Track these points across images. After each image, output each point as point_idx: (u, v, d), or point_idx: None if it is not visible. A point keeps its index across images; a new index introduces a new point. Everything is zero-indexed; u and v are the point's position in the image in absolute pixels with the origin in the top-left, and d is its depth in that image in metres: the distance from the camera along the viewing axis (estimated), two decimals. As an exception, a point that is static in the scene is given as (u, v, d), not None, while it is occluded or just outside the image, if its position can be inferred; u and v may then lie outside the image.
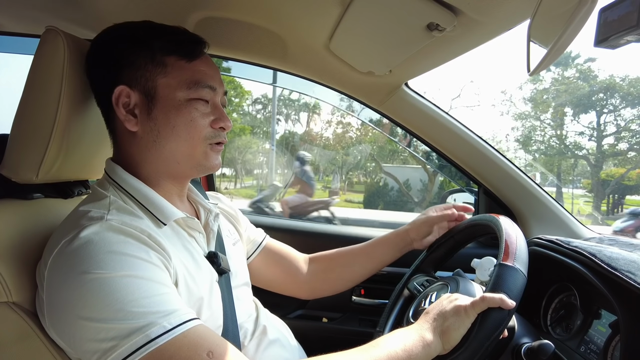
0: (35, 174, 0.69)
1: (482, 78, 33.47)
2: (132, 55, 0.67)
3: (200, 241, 0.75)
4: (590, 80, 16.09)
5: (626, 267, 0.75)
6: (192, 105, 0.69)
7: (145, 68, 0.67)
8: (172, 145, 0.69)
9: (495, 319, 0.65)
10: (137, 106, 0.68)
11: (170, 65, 0.68)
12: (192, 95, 0.69)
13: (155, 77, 0.68)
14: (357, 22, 0.81)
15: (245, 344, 0.77)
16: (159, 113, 0.68)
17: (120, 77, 0.67)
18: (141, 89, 0.68)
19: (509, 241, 0.75)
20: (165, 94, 0.68)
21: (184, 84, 0.68)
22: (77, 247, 0.56)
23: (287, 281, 1.03)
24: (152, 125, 0.68)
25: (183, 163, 0.71)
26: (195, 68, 0.70)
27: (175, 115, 0.68)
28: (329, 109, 17.64)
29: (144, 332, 0.53)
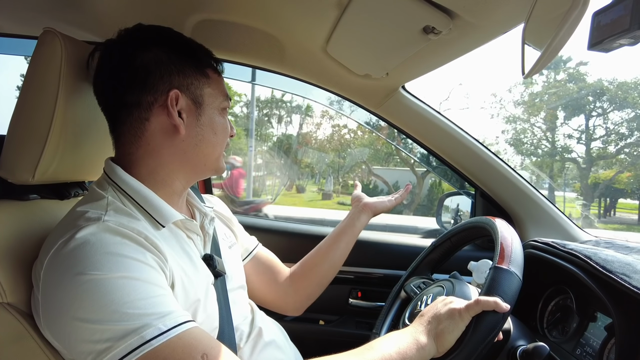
0: (32, 175, 0.69)
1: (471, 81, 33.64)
2: (181, 62, 0.70)
3: (197, 243, 0.75)
4: (579, 82, 16.20)
5: (621, 269, 0.75)
6: (224, 114, 0.77)
7: (194, 77, 0.72)
8: (210, 149, 0.74)
9: (489, 322, 0.65)
10: (184, 111, 0.71)
11: (211, 77, 0.74)
12: (225, 105, 0.76)
13: (202, 86, 0.73)
14: (354, 25, 0.82)
15: (241, 346, 0.77)
16: (206, 119, 0.73)
17: (171, 81, 0.69)
18: (190, 95, 0.71)
19: (505, 244, 0.75)
20: (210, 102, 0.73)
21: (221, 94, 0.76)
22: (73, 248, 0.56)
23: (268, 293, 1.02)
24: (199, 130, 0.72)
25: (209, 165, 0.76)
26: (222, 82, 0.78)
27: (217, 123, 0.75)
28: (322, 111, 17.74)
29: (139, 334, 0.53)
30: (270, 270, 1.03)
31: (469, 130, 1.25)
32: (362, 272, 1.37)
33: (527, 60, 0.58)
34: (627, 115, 15.48)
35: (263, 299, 1.02)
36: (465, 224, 0.97)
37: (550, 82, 16.95)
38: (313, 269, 1.04)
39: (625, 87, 15.37)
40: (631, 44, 0.49)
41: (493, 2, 0.64)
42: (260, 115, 18.94)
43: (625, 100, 15.24)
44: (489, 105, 23.99)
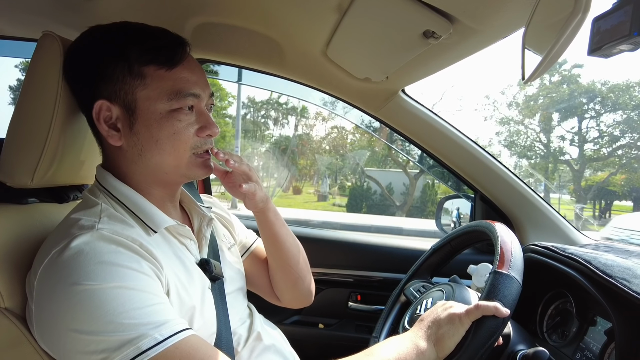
0: (30, 179, 0.69)
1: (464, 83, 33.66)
2: (109, 68, 0.64)
3: (191, 248, 0.74)
4: (573, 84, 16.30)
5: (621, 274, 0.75)
6: (174, 117, 0.66)
7: (124, 81, 0.64)
8: (157, 158, 0.67)
9: (489, 327, 0.65)
10: (119, 120, 0.66)
11: (149, 76, 0.65)
12: (174, 106, 0.66)
13: (134, 90, 0.65)
14: (354, 28, 0.82)
15: (239, 350, 0.76)
16: (141, 127, 0.66)
17: (99, 90, 0.65)
18: (121, 103, 0.65)
19: (505, 248, 0.75)
20: (146, 107, 0.65)
21: (165, 94, 0.65)
22: (67, 258, 0.55)
23: (268, 287, 0.97)
24: (136, 140, 0.66)
25: (171, 173, 0.70)
26: (175, 76, 0.66)
27: (158, 129, 0.65)
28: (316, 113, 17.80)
29: (135, 344, 0.52)
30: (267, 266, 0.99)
31: (466, 133, 1.25)
32: (362, 275, 1.37)
33: (527, 64, 0.58)
34: (620, 117, 15.59)
35: (269, 293, 0.98)
36: (465, 228, 0.97)
37: (544, 84, 17.04)
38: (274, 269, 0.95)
39: (617, 89, 15.47)
40: (631, 50, 0.49)
41: (493, 7, 0.64)
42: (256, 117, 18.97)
43: (617, 102, 15.34)
44: (482, 107, 24.06)
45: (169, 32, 0.69)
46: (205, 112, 0.71)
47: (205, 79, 0.72)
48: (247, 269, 0.97)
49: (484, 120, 22.73)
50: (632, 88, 15.37)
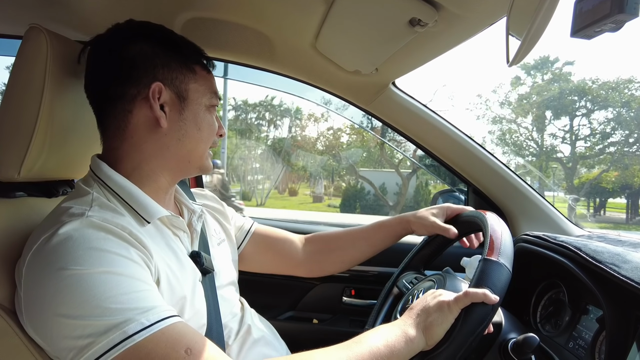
0: (17, 172, 0.69)
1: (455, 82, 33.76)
2: (167, 56, 0.70)
3: (184, 240, 0.75)
4: (563, 82, 16.39)
5: (610, 260, 0.75)
6: (211, 112, 0.76)
7: (180, 71, 0.71)
8: (193, 145, 0.73)
9: (479, 314, 0.65)
10: (167, 104, 0.70)
11: (198, 73, 0.74)
12: (212, 102, 0.76)
13: (188, 81, 0.72)
14: (341, 19, 0.82)
15: (230, 344, 0.76)
16: (190, 114, 0.72)
17: (155, 74, 0.69)
18: (174, 89, 0.71)
19: (494, 236, 0.75)
20: (195, 98, 0.73)
21: (208, 91, 0.75)
22: (55, 244, 0.56)
23: (283, 263, 1.04)
24: (182, 125, 0.71)
25: (193, 162, 0.75)
26: (212, 79, 0.77)
27: (203, 119, 0.74)
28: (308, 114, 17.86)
29: (121, 329, 0.52)
30: (276, 243, 1.03)
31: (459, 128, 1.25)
32: (356, 270, 1.36)
33: (511, 49, 0.58)
34: (611, 114, 15.68)
35: (281, 269, 1.05)
36: (456, 218, 0.97)
37: (536, 82, 17.13)
38: (336, 251, 1.04)
39: (607, 87, 15.57)
40: (612, 30, 0.49)
41: (476, -8, 0.64)
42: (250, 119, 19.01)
43: (607, 99, 15.44)
44: (474, 106, 24.13)
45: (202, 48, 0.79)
46: (217, 116, 0.80)
47: None
48: (251, 252, 1.00)
49: (477, 119, 22.78)
50: (621, 85, 15.49)
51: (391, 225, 1.02)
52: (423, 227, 0.98)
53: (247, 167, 16.37)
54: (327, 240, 1.05)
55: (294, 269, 1.04)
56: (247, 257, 1.00)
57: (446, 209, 0.99)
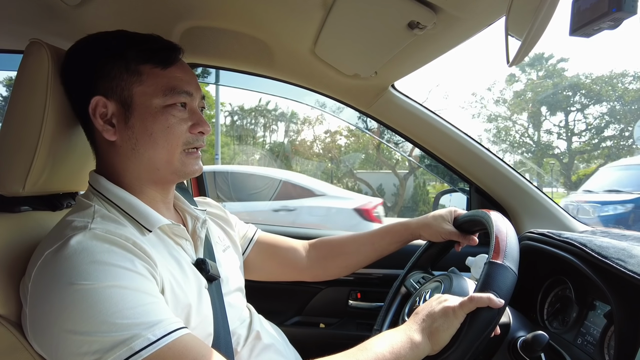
0: (22, 186, 0.69)
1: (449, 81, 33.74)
2: (107, 66, 0.67)
3: (187, 248, 0.74)
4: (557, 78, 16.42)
5: (616, 255, 0.75)
6: (168, 112, 0.69)
7: (121, 77, 0.67)
8: (150, 152, 0.69)
9: (484, 319, 0.65)
10: (115, 116, 0.68)
11: (145, 73, 0.68)
12: (168, 101, 0.69)
13: (131, 86, 0.68)
14: (340, 24, 0.82)
15: (238, 350, 0.76)
16: (136, 121, 0.68)
17: (97, 87, 0.67)
18: (117, 99, 0.68)
19: (500, 238, 0.74)
20: (142, 102, 0.68)
21: (160, 91, 0.69)
22: (60, 258, 0.56)
23: (287, 270, 1.04)
24: (130, 134, 0.68)
25: (163, 169, 0.71)
26: (170, 75, 0.70)
27: (152, 123, 0.68)
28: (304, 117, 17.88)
29: (127, 345, 0.52)
30: (279, 250, 1.03)
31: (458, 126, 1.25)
32: (361, 272, 1.36)
33: (511, 49, 0.59)
34: (605, 108, 15.72)
35: (286, 276, 1.05)
36: (462, 218, 0.97)
37: (531, 79, 17.16)
38: (341, 256, 1.04)
39: (600, 81, 15.62)
40: (611, 27, 0.50)
41: (474, -6, 0.65)
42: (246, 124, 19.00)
43: (600, 94, 15.47)
44: (469, 104, 24.14)
45: (163, 39, 0.74)
46: (197, 110, 0.74)
47: (197, 82, 0.75)
48: (254, 260, 1.00)
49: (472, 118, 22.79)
50: (615, 79, 15.53)
51: (398, 232, 1.02)
52: (437, 235, 0.98)
53: (248, 172, 16.38)
54: (332, 245, 1.05)
55: (299, 275, 1.05)
56: (251, 265, 1.00)
57: (453, 212, 0.99)
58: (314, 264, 1.04)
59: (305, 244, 1.06)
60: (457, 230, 0.97)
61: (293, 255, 1.03)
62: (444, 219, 0.99)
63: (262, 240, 1.02)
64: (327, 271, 1.05)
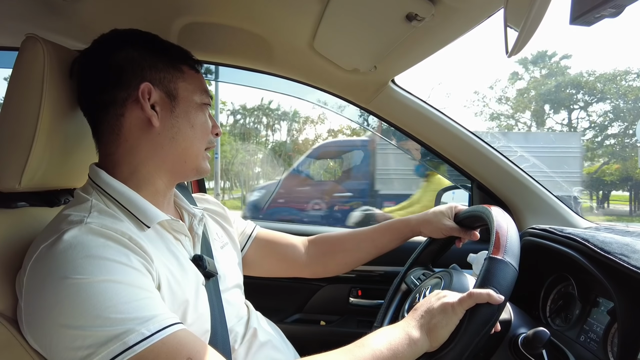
0: (18, 182, 0.69)
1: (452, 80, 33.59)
2: (154, 58, 0.71)
3: (186, 244, 0.74)
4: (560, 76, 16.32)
5: (619, 250, 0.74)
6: (203, 109, 0.76)
7: (167, 71, 0.72)
8: (187, 143, 0.73)
9: (484, 315, 0.64)
10: (158, 104, 0.70)
11: (186, 72, 0.74)
12: (204, 100, 0.76)
13: (176, 80, 0.73)
14: (338, 18, 0.82)
15: (236, 348, 0.75)
16: (181, 112, 0.72)
17: (143, 76, 0.70)
18: (163, 89, 0.71)
19: (500, 233, 0.73)
20: (186, 96, 0.73)
21: (198, 89, 0.75)
22: (55, 252, 0.56)
23: (286, 266, 1.04)
24: (174, 122, 0.72)
25: (189, 163, 0.74)
26: (201, 78, 0.77)
27: (195, 116, 0.74)
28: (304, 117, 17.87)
29: (121, 340, 0.52)
30: (278, 247, 1.04)
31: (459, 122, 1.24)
32: (362, 270, 1.35)
33: (510, 40, 0.58)
34: (608, 106, 15.62)
35: (285, 272, 1.05)
36: (463, 214, 0.96)
37: (534, 77, 17.08)
38: (340, 253, 1.04)
39: (603, 78, 15.51)
40: (613, 15, 0.48)
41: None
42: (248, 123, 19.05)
43: (604, 92, 15.37)
44: (471, 103, 24.03)
45: None
46: (211, 114, 0.80)
47: None
48: (253, 257, 1.00)
49: (475, 115, 22.70)
50: (618, 77, 15.42)
51: (398, 228, 1.02)
52: (438, 231, 0.98)
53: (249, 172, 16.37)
54: (332, 242, 1.05)
55: (298, 271, 1.04)
56: (250, 261, 1.00)
57: (453, 208, 0.99)
58: (313, 260, 1.03)
59: (304, 240, 1.06)
60: (457, 226, 0.96)
61: (292, 251, 1.03)
62: (445, 215, 0.98)
63: (260, 236, 1.02)
64: (326, 268, 1.05)
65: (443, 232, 0.97)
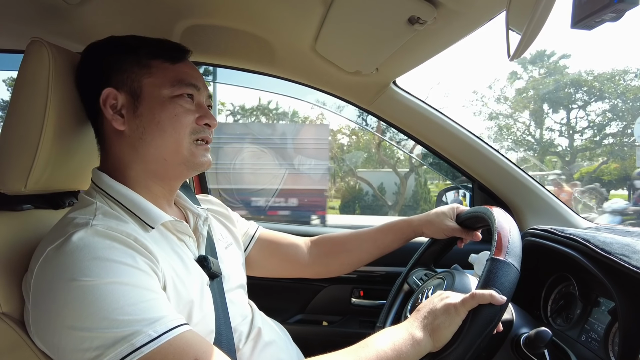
0: (24, 184, 0.69)
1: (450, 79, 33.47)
2: (119, 61, 0.70)
3: (190, 245, 0.75)
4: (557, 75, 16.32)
5: (620, 250, 0.74)
6: (175, 101, 0.71)
7: (132, 70, 0.70)
8: (157, 141, 0.70)
9: (486, 316, 0.64)
10: (124, 107, 0.70)
11: (155, 67, 0.71)
12: (175, 92, 0.71)
13: (140, 78, 0.70)
14: (340, 20, 0.82)
15: (240, 347, 0.76)
16: (144, 110, 0.70)
17: (108, 80, 0.70)
18: (127, 90, 0.70)
19: (502, 234, 0.74)
20: (150, 92, 0.70)
21: (168, 82, 0.71)
22: (62, 254, 0.56)
23: (289, 267, 1.04)
24: (138, 122, 0.70)
25: (170, 160, 0.71)
26: (178, 69, 0.73)
27: (160, 111, 0.70)
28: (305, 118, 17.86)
29: (129, 341, 0.52)
30: (281, 247, 1.04)
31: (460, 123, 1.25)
32: (364, 270, 1.36)
33: (512, 44, 0.58)
34: (607, 106, 15.62)
35: (288, 273, 1.05)
36: (465, 215, 0.96)
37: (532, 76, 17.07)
38: (343, 254, 1.05)
39: (602, 78, 15.51)
40: (613, 19, 0.49)
41: (474, -12, 0.64)
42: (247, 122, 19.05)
43: (602, 91, 15.37)
44: (470, 103, 23.97)
45: (174, 42, 0.77)
46: (203, 104, 0.76)
47: (204, 80, 0.78)
48: (256, 257, 1.01)
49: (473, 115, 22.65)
50: (616, 76, 15.42)
51: (400, 229, 1.02)
52: (440, 231, 0.98)
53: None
54: (334, 242, 1.05)
55: (301, 271, 1.05)
56: (252, 261, 1.00)
57: (455, 209, 0.99)
58: (315, 260, 1.04)
59: (307, 241, 1.06)
60: (459, 227, 0.97)
61: (294, 252, 1.04)
62: (446, 216, 0.98)
63: (263, 237, 1.03)
64: (328, 268, 1.05)
65: (445, 232, 0.98)
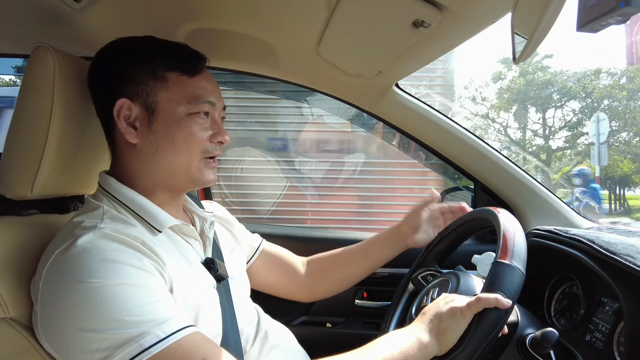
0: (30, 189, 0.69)
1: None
2: (134, 70, 0.69)
3: (196, 248, 0.75)
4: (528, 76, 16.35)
5: (625, 251, 0.75)
6: (192, 119, 0.70)
7: (147, 83, 0.69)
8: (170, 158, 0.70)
9: (491, 320, 0.65)
10: (138, 119, 0.69)
11: (171, 80, 0.70)
12: (192, 109, 0.70)
13: (156, 92, 0.69)
14: (344, 23, 0.82)
15: (247, 350, 0.76)
16: (160, 126, 0.69)
17: (122, 90, 0.69)
18: (142, 103, 0.69)
19: (507, 237, 0.74)
20: (166, 108, 0.69)
21: (185, 99, 0.70)
22: (70, 256, 0.56)
23: (286, 284, 1.05)
24: (152, 138, 0.69)
25: (180, 176, 0.72)
26: (195, 84, 0.71)
27: (175, 129, 0.69)
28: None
29: (137, 342, 0.53)
30: (282, 263, 1.05)
31: (463, 124, 1.25)
32: None
33: (518, 46, 0.59)
34: (581, 104, 15.66)
35: (283, 290, 1.05)
36: (469, 215, 0.96)
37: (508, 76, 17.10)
38: (334, 269, 1.05)
39: (574, 78, 15.57)
40: (618, 22, 0.49)
41: (479, -8, 0.65)
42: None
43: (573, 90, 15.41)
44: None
45: (190, 48, 0.75)
46: (218, 120, 0.75)
47: (219, 92, 0.76)
48: (257, 270, 1.01)
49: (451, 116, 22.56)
50: (587, 77, 15.47)
51: (383, 236, 1.04)
52: (409, 216, 1.03)
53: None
54: (325, 259, 1.07)
55: (296, 291, 1.05)
56: (253, 273, 1.00)
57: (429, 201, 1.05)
58: (310, 278, 1.05)
59: (303, 260, 1.08)
60: (439, 212, 1.02)
61: (294, 269, 1.05)
62: (417, 213, 1.02)
63: (267, 250, 1.04)
64: (322, 285, 1.06)
65: (427, 232, 1.01)
